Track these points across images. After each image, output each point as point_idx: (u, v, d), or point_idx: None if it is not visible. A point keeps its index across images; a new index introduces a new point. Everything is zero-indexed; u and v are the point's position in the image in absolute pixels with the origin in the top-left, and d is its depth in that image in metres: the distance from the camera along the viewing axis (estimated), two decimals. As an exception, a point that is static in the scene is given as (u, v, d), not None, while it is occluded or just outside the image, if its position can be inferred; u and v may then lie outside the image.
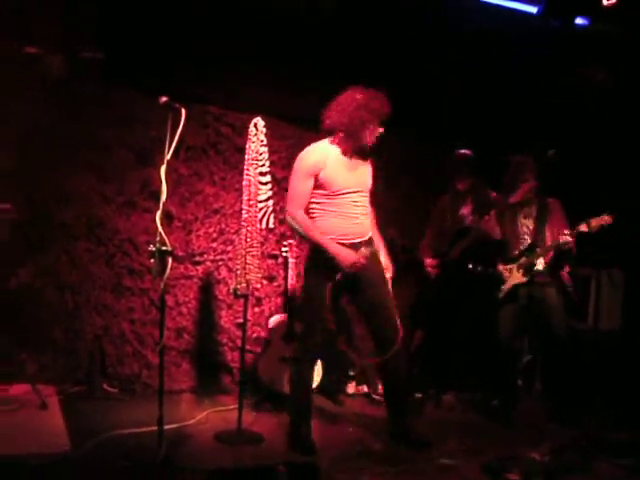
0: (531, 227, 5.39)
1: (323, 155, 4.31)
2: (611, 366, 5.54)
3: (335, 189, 4.28)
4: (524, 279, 5.30)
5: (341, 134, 4.30)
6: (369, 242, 4.45)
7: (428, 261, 5.73)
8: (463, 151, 5.79)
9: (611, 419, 4.98)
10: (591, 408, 4.86)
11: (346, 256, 4.23)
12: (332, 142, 4.37)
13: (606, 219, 4.93)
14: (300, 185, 4.32)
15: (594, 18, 5.56)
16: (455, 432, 4.87)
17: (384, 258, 4.60)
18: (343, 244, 4.30)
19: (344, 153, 4.33)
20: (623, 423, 4.98)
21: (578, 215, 5.12)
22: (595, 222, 4.95)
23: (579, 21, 5.58)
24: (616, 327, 5.91)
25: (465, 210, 5.81)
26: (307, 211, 4.36)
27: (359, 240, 4.37)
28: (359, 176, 4.38)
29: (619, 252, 5.35)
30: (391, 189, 6.31)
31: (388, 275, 4.58)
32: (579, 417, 4.93)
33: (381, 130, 4.29)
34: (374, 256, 4.47)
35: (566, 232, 5.07)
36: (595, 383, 5.16)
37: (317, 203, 4.35)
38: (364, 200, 4.41)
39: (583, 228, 4.99)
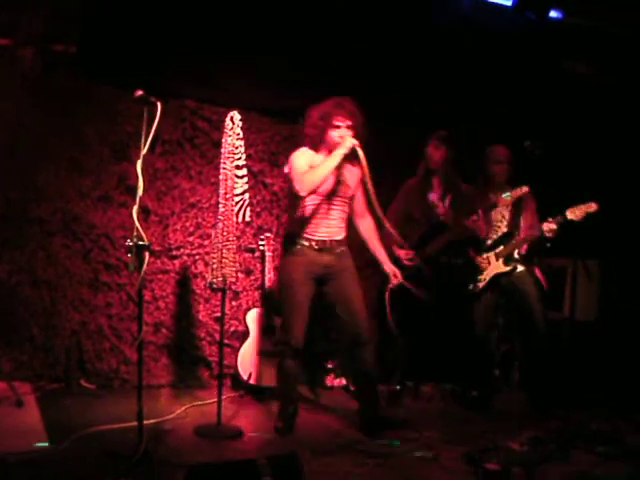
0: (506, 215, 5.42)
1: (311, 156, 4.51)
2: (587, 356, 5.60)
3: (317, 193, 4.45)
4: (506, 268, 5.33)
5: (313, 147, 4.54)
6: (340, 242, 4.59)
7: (401, 252, 5.55)
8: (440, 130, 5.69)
9: (588, 408, 5.02)
10: (568, 397, 4.86)
11: (347, 143, 4.34)
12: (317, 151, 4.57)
13: (592, 207, 4.94)
14: (302, 166, 4.44)
15: (568, 11, 5.58)
16: (434, 423, 4.90)
17: (389, 266, 4.73)
18: (311, 238, 4.49)
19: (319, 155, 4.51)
20: (600, 411, 5.02)
21: (555, 206, 5.15)
22: (581, 210, 4.97)
23: (553, 14, 5.59)
24: (592, 318, 5.99)
25: (434, 196, 5.70)
26: (288, 205, 4.55)
27: (329, 239, 4.53)
28: (338, 186, 4.52)
29: (595, 243, 5.32)
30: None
31: (395, 282, 4.71)
32: (557, 407, 4.95)
33: (342, 131, 4.40)
34: (345, 254, 4.60)
35: (550, 220, 5.08)
36: (572, 373, 5.17)
37: (297, 202, 4.49)
38: (342, 205, 4.57)
39: (570, 215, 4.99)
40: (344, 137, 4.36)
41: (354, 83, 5.55)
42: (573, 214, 4.98)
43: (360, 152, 4.37)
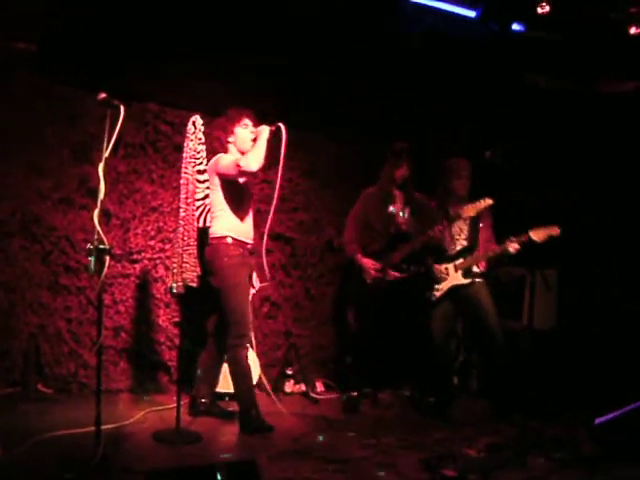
0: (464, 228, 5.49)
1: None
2: (545, 364, 5.65)
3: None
4: (465, 281, 5.41)
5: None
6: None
7: (369, 263, 5.57)
8: (401, 142, 5.71)
9: (546, 415, 5.05)
10: (526, 405, 4.88)
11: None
12: None
13: (555, 230, 5.09)
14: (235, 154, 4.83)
15: (530, 25, 5.69)
16: (392, 429, 4.92)
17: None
18: (245, 243, 4.83)
19: None
20: (557, 419, 5.07)
21: (515, 218, 5.26)
22: (544, 232, 5.11)
23: (516, 27, 5.70)
24: (550, 326, 6.06)
25: (395, 206, 5.73)
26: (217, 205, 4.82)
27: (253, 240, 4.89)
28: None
29: (553, 253, 5.36)
30: (326, 190, 6.45)
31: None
32: (514, 414, 4.99)
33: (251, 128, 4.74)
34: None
35: (513, 239, 5.18)
36: (530, 380, 5.21)
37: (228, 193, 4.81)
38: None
39: (534, 236, 5.11)
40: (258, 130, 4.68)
41: (319, 89, 5.63)
42: (536, 235, 5.11)
43: (283, 133, 4.59)
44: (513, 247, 5.18)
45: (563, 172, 6.20)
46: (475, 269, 5.43)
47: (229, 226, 4.75)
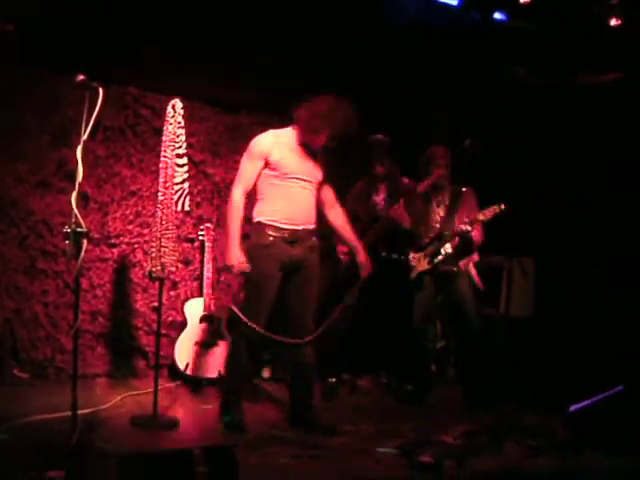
0: (442, 215, 5.51)
1: (271, 142, 4.41)
2: (522, 351, 5.71)
3: (285, 172, 4.38)
4: (427, 267, 5.44)
5: (299, 129, 4.45)
6: (311, 232, 4.52)
7: (340, 247, 5.65)
8: (379, 136, 5.78)
9: (522, 403, 5.09)
10: (503, 392, 4.95)
11: (231, 258, 4.33)
12: (293, 129, 4.49)
13: (498, 208, 5.16)
14: (245, 165, 4.45)
15: (512, 14, 5.72)
16: (370, 416, 4.95)
17: (362, 256, 4.69)
18: (284, 229, 4.38)
19: (298, 143, 4.46)
20: (532, 406, 5.10)
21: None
22: (490, 211, 5.19)
23: (497, 16, 5.73)
24: (527, 313, 6.11)
25: (378, 197, 5.83)
26: (257, 192, 4.46)
27: (302, 227, 4.44)
28: (309, 166, 4.47)
29: (530, 241, 5.47)
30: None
31: (365, 273, 4.69)
32: (491, 401, 5.03)
33: (329, 143, 4.42)
34: (315, 249, 4.55)
35: (465, 220, 5.26)
36: (507, 368, 5.29)
37: (268, 185, 4.43)
38: (311, 189, 4.49)
39: (480, 217, 5.22)
40: (230, 264, 4.35)
41: (302, 77, 5.65)
42: (483, 215, 5.22)
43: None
44: (462, 227, 5.28)
45: (540, 162, 6.23)
46: (442, 251, 5.41)
47: (260, 206, 4.53)
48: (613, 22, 5.55)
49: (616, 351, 5.49)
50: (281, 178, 4.38)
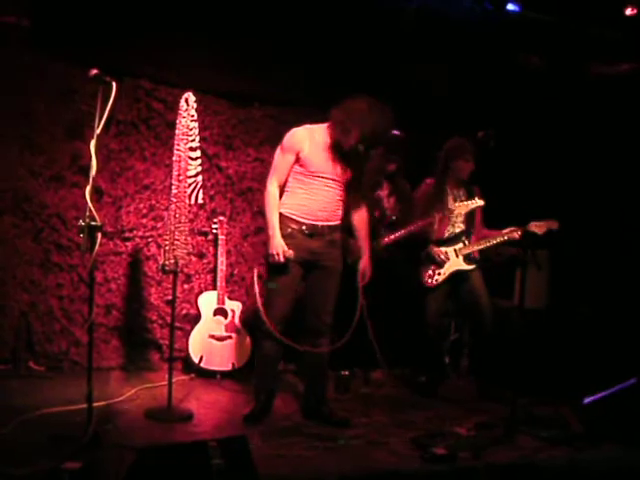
0: (462, 212, 5.43)
1: (304, 137, 4.43)
2: (536, 343, 5.61)
3: (311, 170, 4.41)
4: (468, 267, 5.42)
5: (332, 127, 4.44)
6: (334, 229, 4.54)
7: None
8: (396, 132, 5.57)
9: (536, 394, 5.10)
10: (516, 384, 4.78)
11: (273, 245, 4.36)
12: (327, 127, 4.48)
13: (554, 225, 5.21)
14: (278, 159, 4.48)
15: (525, 5, 5.68)
16: (384, 408, 4.96)
17: (363, 265, 4.65)
18: (303, 222, 4.42)
19: (330, 141, 4.44)
20: (547, 398, 5.10)
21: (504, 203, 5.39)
22: (544, 225, 5.20)
23: (511, 7, 5.69)
24: (541, 305, 6.07)
25: (381, 192, 5.79)
26: (285, 185, 4.50)
27: (321, 224, 4.46)
28: (337, 166, 4.45)
29: (544, 234, 5.35)
30: None
31: (361, 283, 4.63)
32: (505, 393, 5.01)
33: (360, 146, 4.35)
34: (336, 244, 4.56)
35: (514, 229, 5.25)
36: (520, 360, 5.11)
37: (294, 179, 4.47)
38: (337, 188, 4.49)
39: (534, 229, 5.19)
40: (272, 251, 4.37)
41: (313, 70, 5.69)
42: (537, 228, 5.20)
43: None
44: (512, 236, 5.27)
45: (554, 154, 6.23)
46: (475, 255, 5.46)
47: (285, 199, 4.55)
48: (629, 11, 5.51)
49: (631, 343, 5.45)
50: (307, 175, 4.42)
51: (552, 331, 5.88)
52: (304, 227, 4.42)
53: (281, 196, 4.49)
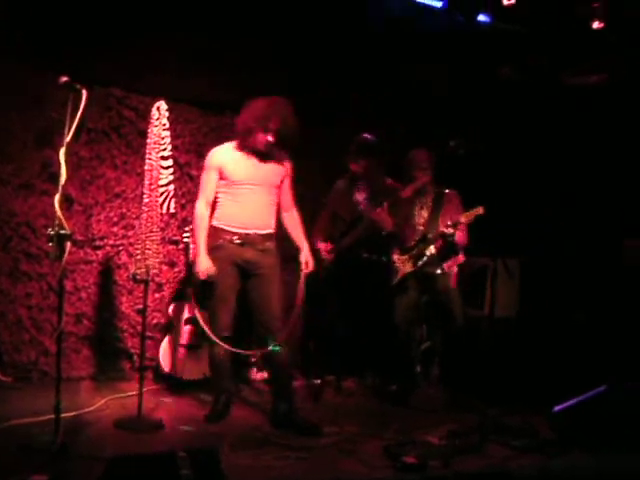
0: (425, 217, 5.51)
1: (224, 153, 4.60)
2: (506, 352, 5.70)
3: (234, 180, 4.53)
4: (412, 268, 5.45)
5: (237, 131, 4.63)
6: (267, 237, 4.63)
7: (322, 245, 5.67)
8: (366, 135, 5.69)
9: (506, 403, 5.09)
10: (487, 393, 4.92)
11: (199, 265, 4.52)
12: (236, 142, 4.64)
13: (479, 211, 5.21)
14: (204, 178, 4.63)
15: (496, 16, 5.75)
16: (354, 417, 4.95)
17: (304, 255, 4.75)
18: (234, 232, 4.54)
19: (243, 151, 4.58)
20: (516, 406, 5.10)
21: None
22: (469, 214, 5.23)
23: (482, 18, 5.75)
24: (512, 314, 6.13)
25: (359, 195, 5.76)
26: (215, 200, 4.62)
27: (253, 232, 4.57)
28: (261, 172, 4.57)
29: (515, 242, 5.47)
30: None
31: (305, 271, 4.73)
32: (475, 402, 5.05)
33: (269, 139, 4.47)
34: (270, 252, 4.65)
35: (448, 223, 5.26)
36: (490, 368, 5.22)
37: (222, 193, 4.59)
38: (266, 194, 4.61)
39: (462, 219, 5.24)
40: (199, 270, 4.50)
41: (285, 77, 5.69)
42: (465, 217, 5.25)
43: None
44: (446, 230, 5.27)
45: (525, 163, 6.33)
46: (426, 253, 5.43)
47: (219, 211, 4.68)
48: (596, 25, 5.57)
49: (600, 350, 5.52)
50: (232, 185, 4.54)
51: (523, 339, 5.92)
52: (235, 237, 4.54)
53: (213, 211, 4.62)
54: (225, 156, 4.58)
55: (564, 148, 6.23)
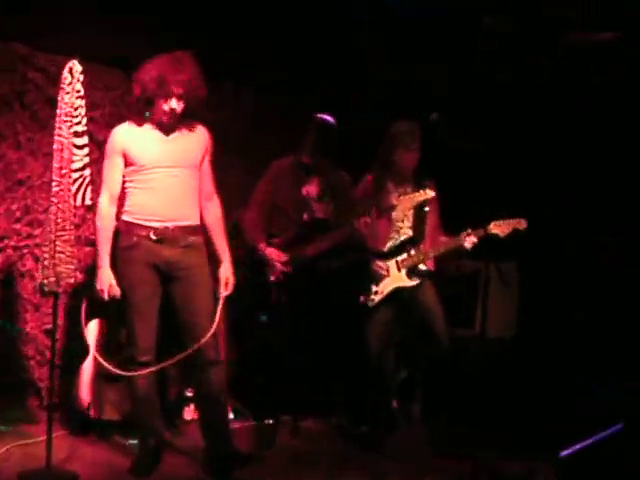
0: (410, 215, 5.05)
1: (126, 133, 4.17)
2: (502, 381, 5.46)
3: (142, 164, 4.11)
4: (411, 283, 4.98)
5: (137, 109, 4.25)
6: (190, 230, 4.17)
7: (273, 253, 5.13)
8: (325, 116, 5.21)
9: (504, 446, 4.70)
10: (480, 433, 4.64)
11: (100, 280, 4.11)
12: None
13: (522, 224, 4.77)
14: (106, 167, 4.19)
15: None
16: (316, 466, 4.54)
17: (225, 269, 4.28)
18: (150, 227, 4.09)
19: (147, 127, 4.16)
20: (517, 450, 4.70)
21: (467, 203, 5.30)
22: (509, 225, 4.77)
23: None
24: (508, 334, 5.86)
25: (310, 189, 5.23)
26: (123, 191, 4.20)
27: (172, 224, 4.10)
28: (175, 151, 4.16)
29: (512, 244, 5.00)
30: (235, 160, 6.00)
31: (224, 293, 4.25)
32: (466, 445, 4.57)
33: (173, 106, 4.01)
34: (194, 248, 4.19)
35: (470, 232, 4.80)
36: (483, 403, 5.00)
37: (129, 181, 4.16)
38: (185, 178, 4.18)
39: (495, 229, 4.76)
40: (99, 286, 4.10)
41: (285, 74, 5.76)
42: (499, 229, 4.79)
43: None
44: (470, 242, 4.80)
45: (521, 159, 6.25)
46: (422, 267, 5.00)
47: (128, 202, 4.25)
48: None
49: (617, 382, 5.27)
50: (140, 171, 4.11)
51: (522, 366, 5.67)
52: (151, 232, 4.08)
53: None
54: (127, 136, 4.10)
55: (564, 148, 6.15)
